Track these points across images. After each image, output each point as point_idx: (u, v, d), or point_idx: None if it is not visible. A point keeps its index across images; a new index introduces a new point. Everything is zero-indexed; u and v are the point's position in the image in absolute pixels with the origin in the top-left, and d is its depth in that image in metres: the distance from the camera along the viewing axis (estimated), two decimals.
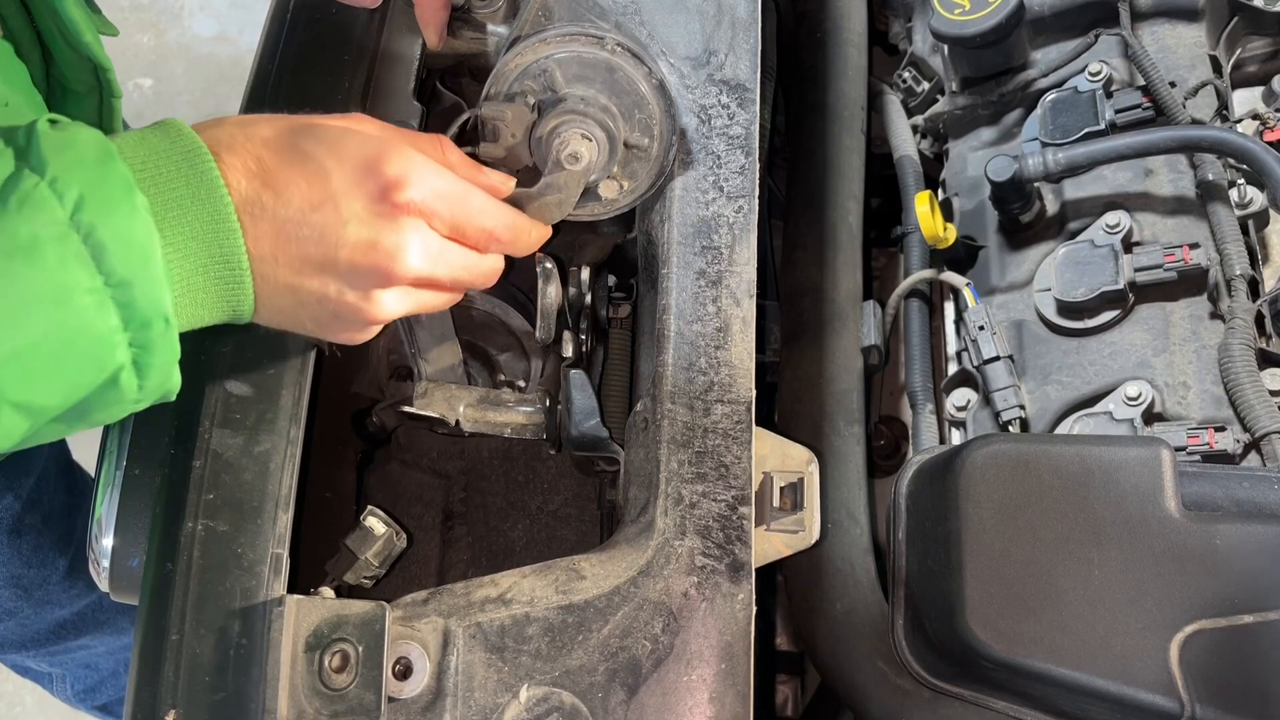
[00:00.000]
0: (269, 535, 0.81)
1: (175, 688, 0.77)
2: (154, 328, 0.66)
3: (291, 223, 0.72)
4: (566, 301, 1.05)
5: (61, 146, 0.64)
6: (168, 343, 0.68)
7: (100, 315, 0.64)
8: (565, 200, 0.86)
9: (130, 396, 0.68)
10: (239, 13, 2.95)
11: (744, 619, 0.83)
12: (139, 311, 0.65)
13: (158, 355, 0.67)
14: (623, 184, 0.92)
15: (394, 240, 0.74)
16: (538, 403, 1.06)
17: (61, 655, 1.65)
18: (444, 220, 0.77)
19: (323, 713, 0.76)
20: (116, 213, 0.64)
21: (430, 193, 0.76)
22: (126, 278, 0.64)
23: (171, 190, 0.68)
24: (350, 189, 0.73)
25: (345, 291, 0.75)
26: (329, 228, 0.72)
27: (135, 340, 0.66)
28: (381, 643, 0.77)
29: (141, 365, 0.67)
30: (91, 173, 0.64)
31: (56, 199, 0.63)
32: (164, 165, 0.68)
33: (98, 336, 0.64)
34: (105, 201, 0.64)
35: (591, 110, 0.88)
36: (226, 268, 0.70)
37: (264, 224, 0.71)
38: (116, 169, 0.65)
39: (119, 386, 0.67)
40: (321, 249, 0.73)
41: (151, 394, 0.70)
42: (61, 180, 0.63)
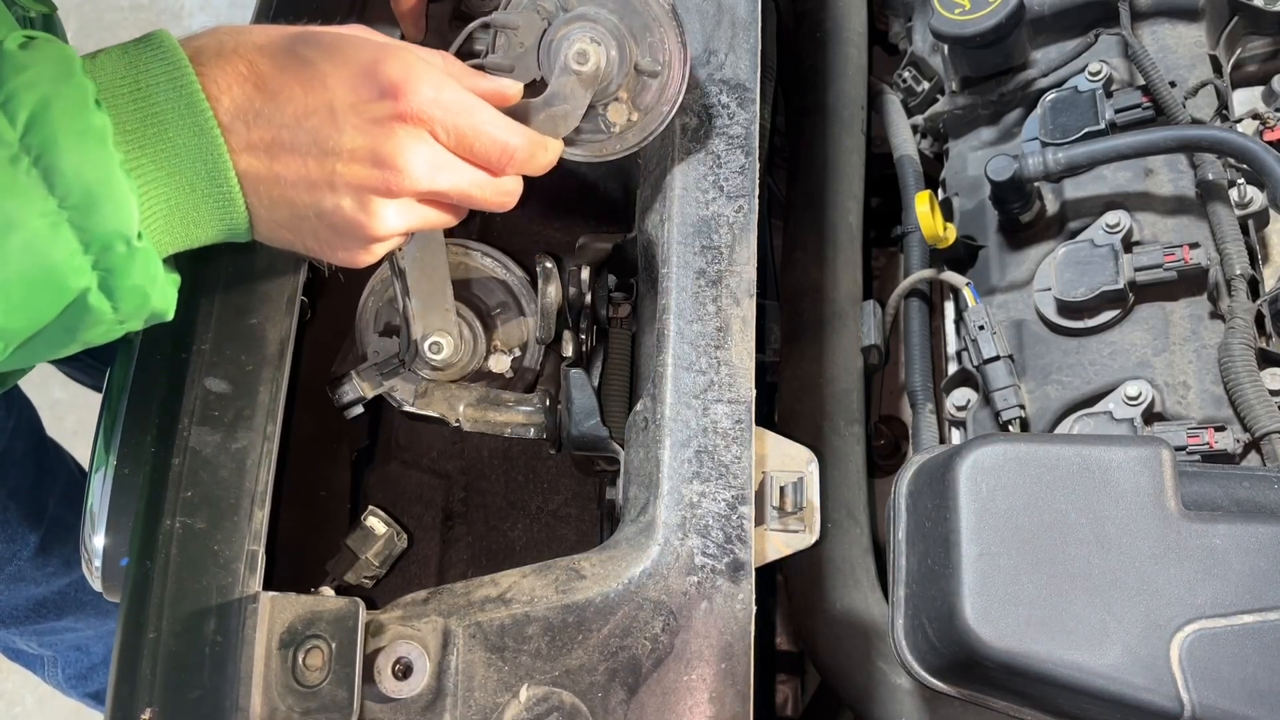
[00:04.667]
0: (245, 532, 0.81)
1: (152, 685, 0.77)
2: (115, 249, 0.64)
3: (286, 129, 0.69)
4: (566, 301, 1.05)
5: (22, 66, 0.63)
6: (138, 263, 0.66)
7: (55, 239, 0.62)
8: (573, 111, 0.84)
9: (108, 317, 0.67)
10: (239, 13, 2.95)
11: (744, 619, 0.83)
12: (98, 234, 0.63)
13: (126, 277, 0.65)
14: (632, 114, 0.89)
15: (392, 148, 0.71)
16: (538, 402, 1.06)
17: (50, 636, 1.66)
18: (448, 130, 0.74)
19: (295, 710, 0.76)
20: (68, 132, 0.62)
21: (432, 100, 0.72)
22: (81, 200, 0.62)
23: (150, 104, 0.65)
24: (347, 94, 0.70)
25: (343, 204, 0.71)
26: (325, 135, 0.69)
27: (99, 263, 0.64)
28: (354, 639, 0.77)
29: (111, 288, 0.65)
30: (45, 91, 0.62)
31: (8, 121, 0.61)
32: (142, 78, 0.66)
33: (54, 260, 0.63)
34: (57, 121, 0.62)
35: (602, 18, 0.87)
36: (213, 183, 0.68)
37: (257, 131, 0.68)
38: (74, 86, 0.63)
39: (90, 308, 0.65)
40: (318, 158, 0.70)
41: (133, 314, 0.68)
42: (15, 100, 0.61)
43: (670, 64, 0.89)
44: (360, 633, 0.77)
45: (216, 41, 0.69)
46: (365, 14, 1.03)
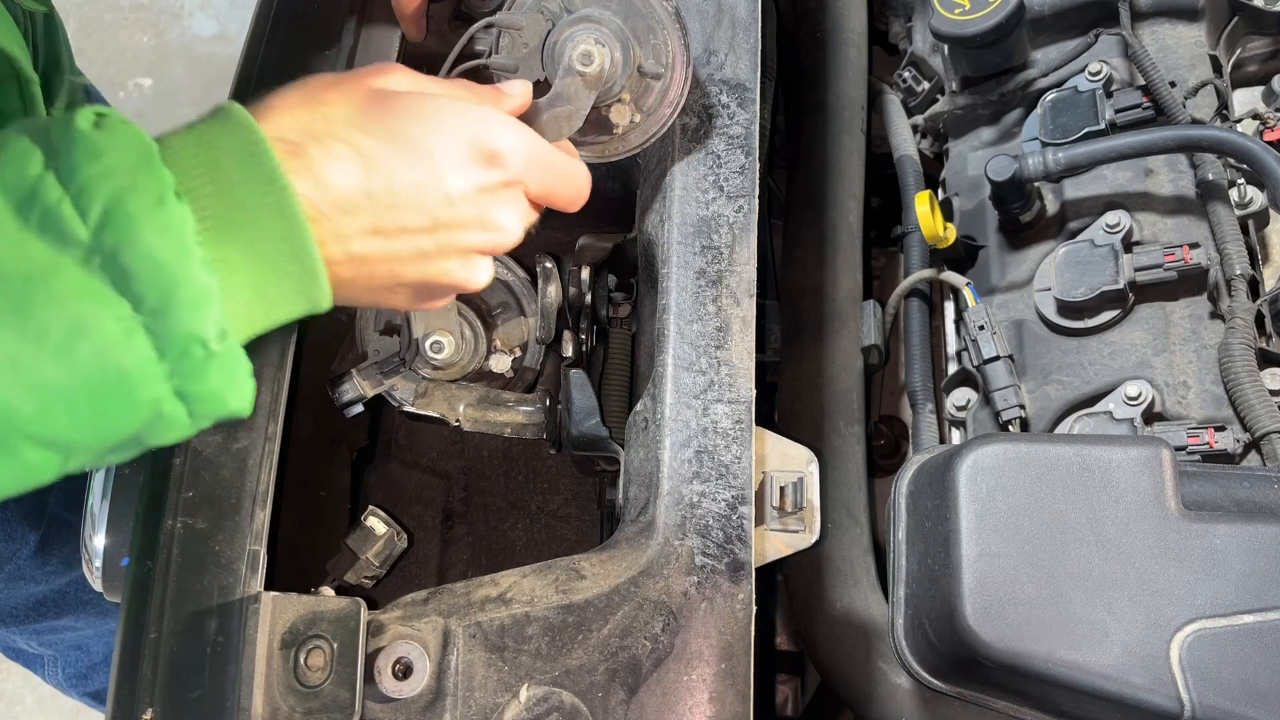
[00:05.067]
0: (246, 532, 0.81)
1: (153, 686, 0.77)
2: (192, 355, 0.59)
3: (399, 210, 0.69)
4: (566, 301, 1.05)
5: (96, 152, 0.58)
6: (216, 367, 0.61)
7: (128, 345, 0.58)
8: (576, 112, 0.85)
9: (181, 423, 0.62)
10: (239, 13, 2.95)
11: (744, 619, 0.83)
12: (175, 339, 0.59)
13: (203, 382, 0.61)
14: (635, 115, 0.90)
15: (500, 212, 0.74)
16: (538, 402, 1.06)
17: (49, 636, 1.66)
18: (540, 185, 0.77)
19: (297, 710, 0.76)
20: (144, 231, 0.57)
21: (527, 162, 0.75)
22: (157, 303, 0.58)
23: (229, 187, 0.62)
24: (457, 169, 0.71)
25: (450, 267, 0.73)
26: (438, 212, 0.70)
27: (175, 370, 0.60)
28: (356, 639, 0.77)
29: (186, 394, 0.61)
30: (121, 183, 0.58)
31: (79, 216, 0.57)
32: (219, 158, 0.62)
33: (126, 368, 0.58)
34: (134, 217, 0.57)
35: (606, 20, 0.87)
36: (298, 262, 0.64)
37: (369, 215, 0.67)
38: (152, 176, 0.59)
39: (164, 417, 0.61)
40: (431, 233, 0.71)
41: (207, 417, 0.63)
42: (87, 193, 0.57)
43: (673, 66, 0.89)
44: (362, 633, 0.77)
45: (299, 121, 0.67)
46: (365, 14, 1.03)
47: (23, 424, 0.57)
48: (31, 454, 0.59)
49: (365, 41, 1.01)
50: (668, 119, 0.90)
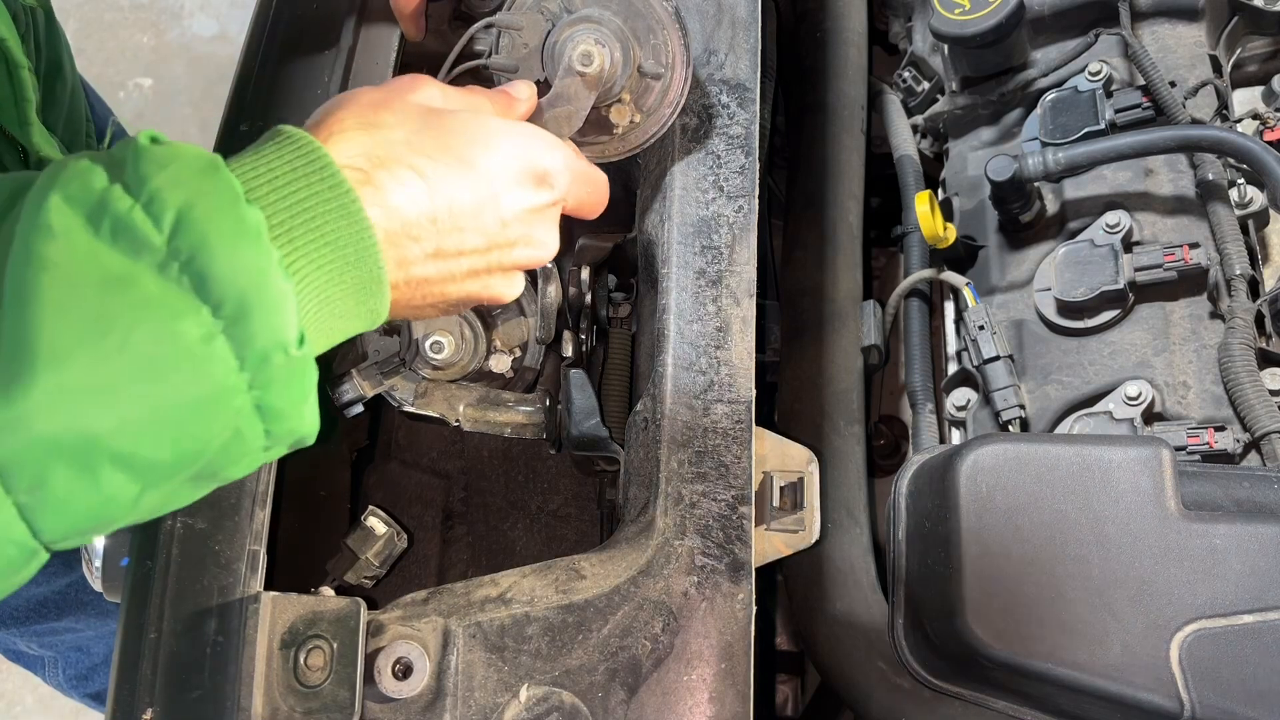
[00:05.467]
0: (246, 532, 0.81)
1: (153, 686, 0.77)
2: (273, 362, 0.57)
3: (460, 233, 0.70)
4: (566, 301, 1.05)
5: (163, 162, 0.57)
6: (296, 375, 0.59)
7: (209, 352, 0.55)
8: (576, 112, 0.85)
9: (257, 444, 0.60)
10: (239, 13, 2.95)
11: (744, 619, 0.83)
12: (256, 345, 0.57)
13: (282, 393, 0.59)
14: (634, 115, 0.90)
15: (544, 230, 0.77)
16: (538, 402, 1.06)
17: (50, 637, 1.65)
18: (577, 200, 0.80)
19: (297, 710, 0.76)
20: (221, 232, 0.56)
21: (569, 180, 0.78)
22: (236, 308, 0.56)
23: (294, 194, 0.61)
24: (511, 190, 0.73)
25: (494, 283, 0.75)
26: (494, 231, 0.72)
27: (256, 380, 0.57)
28: (356, 639, 0.77)
29: (266, 408, 0.59)
30: (191, 189, 0.56)
31: (152, 222, 0.55)
32: (277, 168, 0.61)
33: (207, 376, 0.56)
34: (207, 221, 0.56)
35: (606, 20, 0.87)
36: (363, 268, 0.63)
37: (435, 239, 0.68)
38: (221, 181, 0.58)
39: (241, 437, 0.59)
40: (484, 252, 0.72)
41: (281, 439, 0.61)
42: (158, 201, 0.55)
43: (673, 66, 0.89)
44: (362, 633, 0.77)
45: (361, 146, 0.66)
46: (364, 13, 1.03)
47: (103, 439, 0.54)
48: (110, 477, 0.56)
49: (364, 41, 1.01)
50: (668, 119, 0.90)
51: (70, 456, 0.54)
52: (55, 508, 0.55)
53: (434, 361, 1.02)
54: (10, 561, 0.56)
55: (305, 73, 0.99)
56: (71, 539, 0.58)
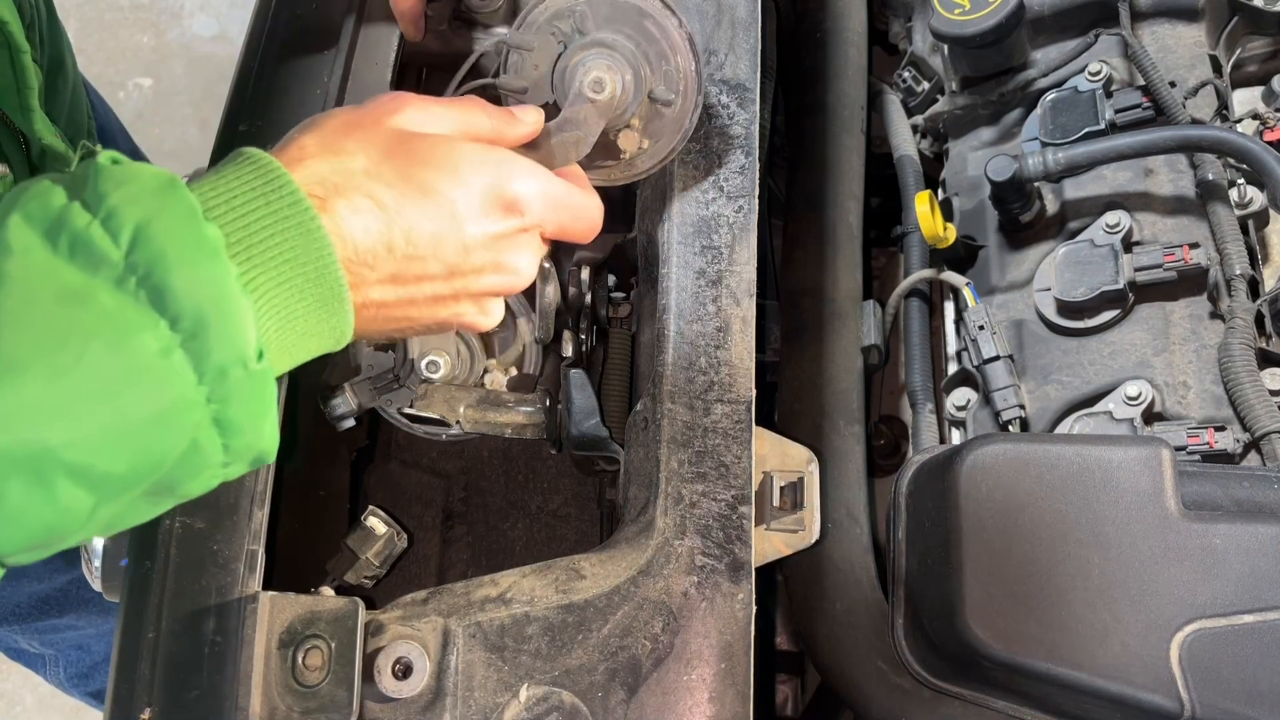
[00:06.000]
0: (245, 532, 0.81)
1: (151, 685, 0.77)
2: (231, 375, 0.58)
3: (418, 260, 0.69)
4: (566, 301, 1.05)
5: (121, 180, 0.58)
6: (254, 389, 0.59)
7: (167, 366, 0.56)
8: (585, 138, 0.83)
9: (215, 459, 0.60)
10: (239, 13, 2.95)
11: (744, 618, 0.83)
12: (214, 359, 0.57)
13: (241, 406, 0.59)
14: (643, 141, 0.88)
15: (515, 257, 0.75)
16: (538, 403, 1.06)
17: (51, 635, 1.66)
18: (555, 225, 0.78)
19: (295, 709, 0.76)
20: (178, 246, 0.56)
21: (544, 205, 0.76)
22: (194, 322, 0.56)
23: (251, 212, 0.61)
24: (476, 218, 0.71)
25: (463, 310, 0.75)
26: (456, 260, 0.71)
27: (214, 394, 0.58)
28: (354, 639, 0.77)
29: (225, 421, 0.59)
30: (150, 204, 0.57)
31: (110, 238, 0.55)
32: (236, 187, 0.62)
33: (164, 389, 0.56)
34: (165, 236, 0.56)
35: (619, 45, 0.85)
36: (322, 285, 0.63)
37: (390, 264, 0.68)
38: (179, 199, 0.58)
39: (199, 449, 0.59)
40: (447, 279, 0.71)
41: (241, 455, 0.61)
42: (116, 216, 0.56)
43: (684, 93, 0.87)
44: (360, 632, 0.77)
45: (319, 174, 0.66)
46: (364, 13, 1.03)
47: (57, 450, 0.54)
48: (65, 489, 0.56)
49: (364, 41, 1.01)
50: (677, 146, 0.88)
51: (25, 469, 0.54)
52: (8, 521, 0.55)
53: (430, 380, 1.02)
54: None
55: (305, 73, 0.99)
56: (23, 554, 0.58)
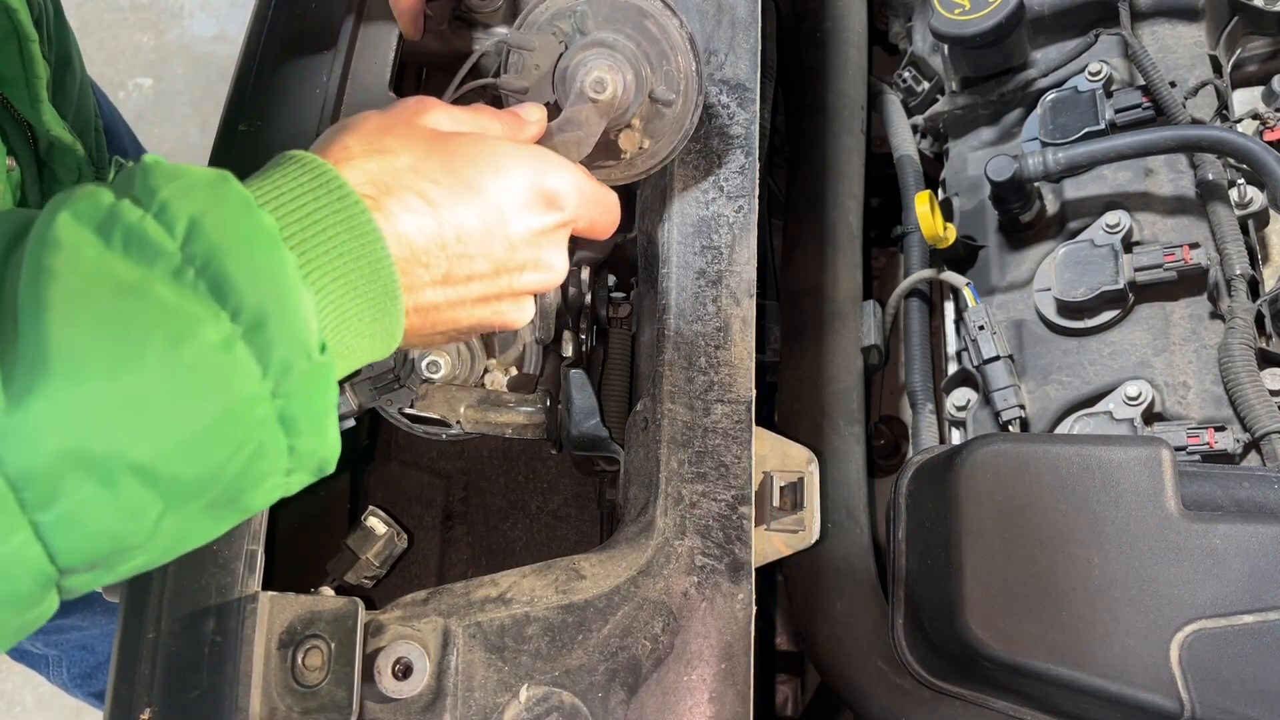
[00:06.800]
0: (244, 532, 0.81)
1: (151, 685, 0.77)
2: (296, 368, 0.56)
3: (468, 259, 0.68)
4: (566, 301, 1.05)
5: (171, 176, 0.56)
6: (320, 384, 0.57)
7: (230, 358, 0.54)
8: (586, 138, 0.82)
9: (279, 463, 0.58)
10: (239, 12, 2.95)
11: (744, 619, 0.83)
12: (278, 351, 0.55)
13: (304, 403, 0.57)
14: (644, 141, 0.88)
15: (553, 253, 0.75)
16: (538, 403, 1.06)
17: (56, 636, 1.66)
18: (587, 220, 0.78)
19: (294, 710, 0.76)
20: (235, 236, 0.55)
21: (581, 200, 0.76)
22: (255, 312, 0.54)
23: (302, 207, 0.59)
24: (520, 215, 0.71)
25: (504, 309, 0.74)
26: (503, 257, 0.71)
27: (279, 388, 0.55)
28: (353, 639, 0.77)
29: (288, 419, 0.56)
30: (202, 198, 0.55)
31: (164, 230, 0.54)
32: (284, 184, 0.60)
33: (228, 382, 0.54)
34: (220, 227, 0.54)
35: (621, 45, 0.85)
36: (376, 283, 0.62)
37: (443, 265, 0.67)
38: (231, 190, 0.57)
39: (263, 452, 0.57)
40: (493, 278, 0.71)
41: (305, 460, 0.59)
42: (169, 209, 0.54)
43: (685, 93, 0.87)
44: (359, 632, 0.77)
45: (368, 172, 0.65)
46: (363, 13, 1.03)
47: (123, 447, 0.52)
48: (130, 490, 0.53)
49: (363, 41, 1.01)
50: (677, 146, 0.88)
51: (88, 467, 0.52)
52: (73, 524, 0.53)
53: (431, 380, 1.02)
54: (26, 593, 0.54)
55: (304, 73, 0.99)
56: (85, 570, 0.56)
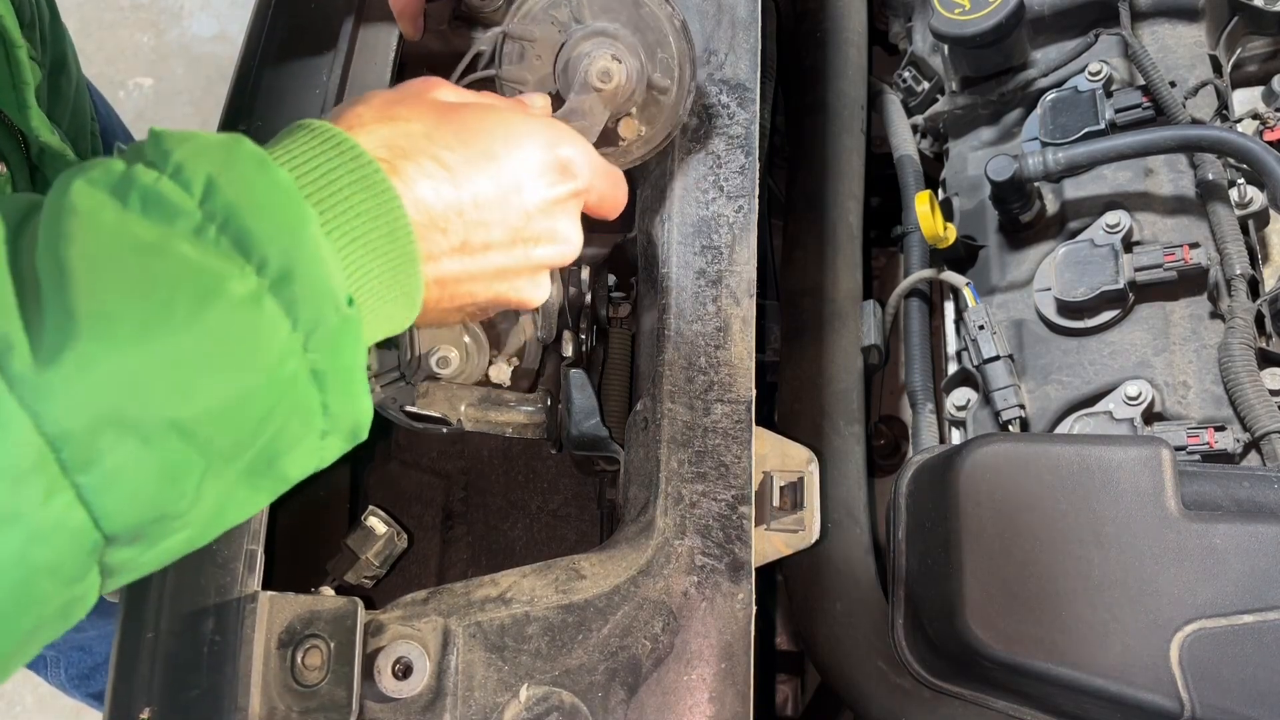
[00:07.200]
0: (244, 531, 0.81)
1: (150, 685, 0.77)
2: (327, 320, 0.55)
3: (485, 227, 0.67)
4: (566, 301, 1.05)
5: (183, 139, 0.55)
6: (347, 340, 0.56)
7: (258, 311, 0.53)
8: (591, 128, 0.83)
9: (315, 424, 0.57)
10: (239, 12, 2.95)
11: (744, 618, 0.83)
12: (307, 303, 0.54)
13: (335, 357, 0.56)
14: (641, 129, 0.89)
15: (568, 224, 0.74)
16: (538, 402, 1.06)
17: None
18: (599, 195, 0.77)
19: (294, 709, 0.76)
20: (254, 190, 0.54)
21: (591, 170, 0.75)
22: (282, 264, 0.53)
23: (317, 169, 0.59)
24: (535, 183, 0.70)
25: (520, 285, 0.72)
26: (519, 226, 0.69)
27: (310, 342, 0.54)
28: (353, 639, 0.77)
29: (321, 374, 0.55)
30: (217, 158, 0.54)
31: (182, 189, 0.53)
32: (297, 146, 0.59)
33: (259, 335, 0.53)
34: (238, 184, 0.54)
35: (621, 34, 0.86)
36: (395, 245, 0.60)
37: (460, 232, 0.65)
38: (245, 149, 0.56)
39: (299, 409, 0.56)
40: (508, 248, 0.69)
41: (339, 421, 0.58)
42: (186, 169, 0.53)
43: (680, 79, 0.88)
44: (359, 632, 0.77)
45: (382, 137, 0.63)
46: (363, 13, 1.03)
47: (160, 405, 0.51)
48: (171, 446, 0.52)
49: (363, 41, 1.01)
50: (672, 131, 0.89)
51: (127, 425, 0.51)
52: (115, 484, 0.51)
53: (440, 376, 1.01)
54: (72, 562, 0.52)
55: (304, 73, 0.99)
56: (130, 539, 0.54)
